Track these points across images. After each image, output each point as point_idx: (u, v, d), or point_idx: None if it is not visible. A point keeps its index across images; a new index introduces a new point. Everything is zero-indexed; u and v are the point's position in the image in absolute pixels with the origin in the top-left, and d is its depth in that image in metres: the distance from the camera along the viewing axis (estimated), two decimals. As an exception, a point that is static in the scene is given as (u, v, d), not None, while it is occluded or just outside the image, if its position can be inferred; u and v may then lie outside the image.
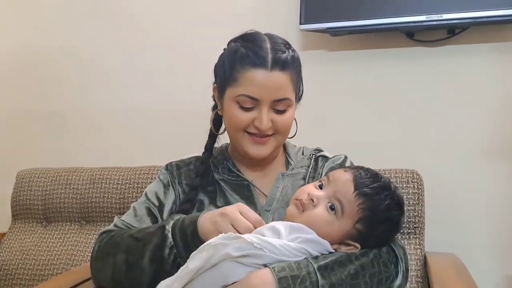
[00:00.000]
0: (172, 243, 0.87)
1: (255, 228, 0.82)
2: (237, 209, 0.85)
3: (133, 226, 1.02)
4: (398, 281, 0.84)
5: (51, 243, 1.65)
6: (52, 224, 1.71)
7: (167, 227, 0.89)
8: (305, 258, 0.80)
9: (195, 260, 0.78)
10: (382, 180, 0.88)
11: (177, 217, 0.93)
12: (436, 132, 1.65)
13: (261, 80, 0.94)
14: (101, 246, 0.97)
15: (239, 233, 0.80)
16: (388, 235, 0.88)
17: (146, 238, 0.90)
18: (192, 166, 1.09)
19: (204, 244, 0.80)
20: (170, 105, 1.89)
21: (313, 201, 0.85)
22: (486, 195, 1.61)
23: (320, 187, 0.88)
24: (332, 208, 0.85)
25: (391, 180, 0.91)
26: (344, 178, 0.86)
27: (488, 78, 1.61)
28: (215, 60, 1.05)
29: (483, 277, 1.41)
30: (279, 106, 0.97)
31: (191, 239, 0.86)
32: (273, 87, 0.95)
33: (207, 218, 0.87)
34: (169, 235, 0.88)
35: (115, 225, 1.03)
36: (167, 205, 1.05)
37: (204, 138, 1.11)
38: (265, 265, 0.78)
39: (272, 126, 0.98)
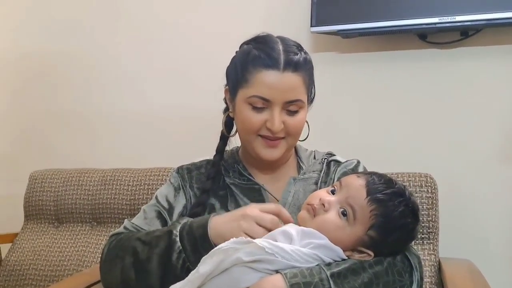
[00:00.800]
0: (180, 247, 0.87)
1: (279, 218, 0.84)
2: (256, 207, 0.86)
3: (142, 229, 1.01)
4: None
5: (62, 244, 1.66)
6: (64, 225, 1.71)
7: (174, 231, 0.89)
8: (317, 265, 0.79)
9: (206, 264, 0.78)
10: (396, 186, 0.86)
11: (184, 220, 0.92)
12: (450, 135, 1.63)
13: (273, 81, 0.94)
14: (110, 248, 0.98)
15: (268, 230, 0.82)
16: (402, 243, 0.86)
17: (153, 242, 0.90)
18: (203, 170, 1.09)
19: (215, 248, 0.80)
20: (182, 107, 1.89)
21: (324, 206, 0.84)
22: (501, 200, 1.58)
23: (333, 192, 0.88)
24: (344, 213, 0.84)
25: (406, 186, 0.90)
26: (357, 183, 0.85)
27: (502, 81, 1.59)
28: (227, 63, 1.04)
29: (499, 284, 1.38)
30: (291, 107, 0.97)
31: (200, 243, 0.86)
32: (285, 88, 0.94)
33: (222, 221, 0.87)
34: (177, 239, 0.88)
35: (125, 228, 1.03)
36: (177, 208, 1.05)
37: (215, 141, 1.10)
38: (277, 271, 0.77)
39: (283, 128, 0.97)
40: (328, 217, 0.84)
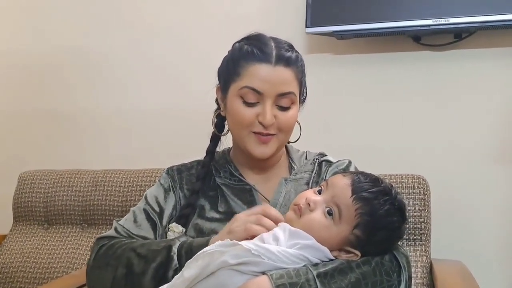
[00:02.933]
0: (177, 265, 0.86)
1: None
2: (242, 213, 0.87)
3: (132, 233, 1.00)
4: None
5: (52, 245, 1.64)
6: (54, 226, 1.70)
7: (173, 248, 0.88)
8: (304, 265, 0.78)
9: (191, 268, 0.76)
10: (382, 185, 0.85)
11: (183, 238, 0.91)
12: (443, 137, 1.63)
13: (266, 74, 0.94)
14: (100, 254, 0.96)
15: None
16: (388, 242, 0.85)
17: (149, 256, 0.89)
18: (193, 171, 1.08)
19: (200, 252, 0.78)
20: (174, 108, 1.88)
21: (310, 205, 0.84)
22: (493, 202, 1.58)
23: (319, 192, 0.87)
24: (329, 213, 0.83)
25: (394, 186, 0.89)
26: (342, 182, 0.85)
27: (495, 83, 1.59)
28: (219, 63, 1.04)
29: (489, 285, 1.38)
30: (283, 101, 0.96)
31: None
32: (277, 81, 0.94)
33: (217, 238, 0.86)
34: (175, 257, 0.86)
35: (116, 230, 1.01)
36: (167, 210, 1.04)
37: (207, 142, 1.09)
38: (263, 273, 0.76)
39: (275, 123, 0.96)
40: (314, 216, 0.83)
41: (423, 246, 1.38)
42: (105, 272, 0.92)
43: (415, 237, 1.39)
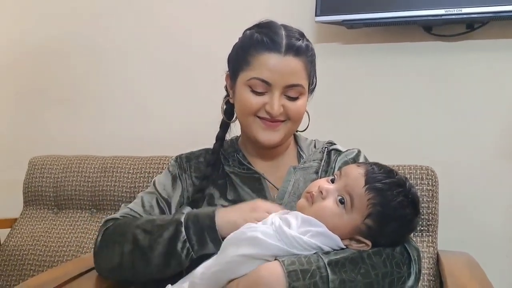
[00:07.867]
0: (185, 237, 0.87)
1: None
2: (265, 203, 0.91)
3: (140, 216, 1.01)
4: (410, 283, 0.83)
5: (61, 230, 1.66)
6: (63, 211, 1.72)
7: (181, 219, 0.89)
8: (315, 253, 0.79)
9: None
10: (396, 176, 0.85)
11: (186, 210, 0.92)
12: (453, 129, 1.62)
13: (275, 64, 0.94)
14: (107, 233, 0.97)
15: None
16: (400, 234, 0.85)
17: (155, 231, 0.90)
18: (201, 159, 1.09)
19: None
20: (183, 96, 1.88)
21: (322, 193, 0.84)
22: (501, 193, 1.58)
23: (333, 181, 0.87)
24: (341, 201, 0.83)
25: (407, 178, 0.89)
26: (356, 172, 0.85)
27: (507, 74, 1.58)
28: (228, 51, 1.04)
29: (497, 276, 1.38)
30: (291, 92, 0.96)
31: (207, 233, 0.87)
32: (286, 72, 0.94)
33: (230, 210, 0.90)
34: (182, 229, 0.88)
35: (124, 213, 1.01)
36: (175, 197, 1.04)
37: (215, 130, 1.10)
38: (275, 259, 0.77)
39: (284, 112, 0.96)
40: (325, 204, 0.84)
41: (430, 237, 1.38)
42: (112, 250, 0.93)
43: (422, 228, 1.39)
